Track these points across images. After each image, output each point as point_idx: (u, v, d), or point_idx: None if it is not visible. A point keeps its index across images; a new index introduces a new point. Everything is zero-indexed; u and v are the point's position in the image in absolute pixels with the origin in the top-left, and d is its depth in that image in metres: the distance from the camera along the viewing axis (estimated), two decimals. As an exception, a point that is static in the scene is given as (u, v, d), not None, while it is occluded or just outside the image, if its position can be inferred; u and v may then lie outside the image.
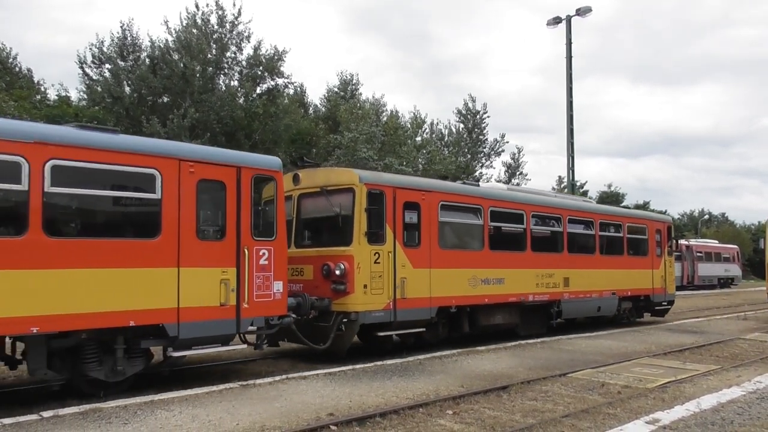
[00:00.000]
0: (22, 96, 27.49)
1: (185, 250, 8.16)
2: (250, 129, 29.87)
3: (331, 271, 10.38)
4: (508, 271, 13.10)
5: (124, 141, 8.06)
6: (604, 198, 57.63)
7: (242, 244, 8.74)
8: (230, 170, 8.80)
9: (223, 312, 8.50)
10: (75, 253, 7.27)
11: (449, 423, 6.67)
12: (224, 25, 28.74)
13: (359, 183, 10.60)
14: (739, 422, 6.77)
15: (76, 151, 7.35)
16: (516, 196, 14.28)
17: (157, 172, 8.00)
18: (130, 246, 7.78)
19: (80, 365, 7.73)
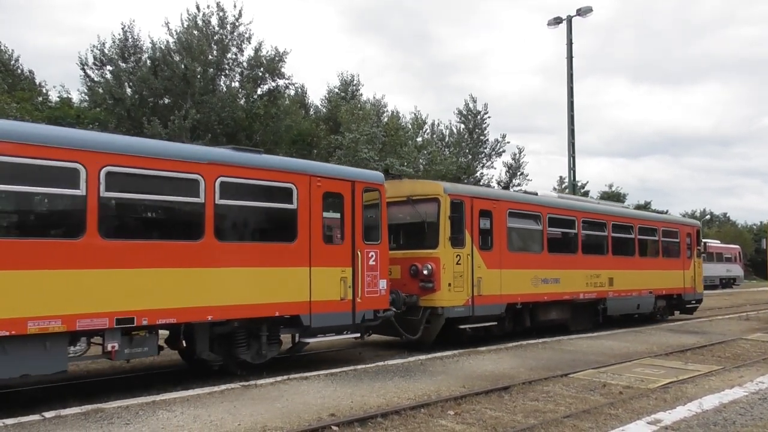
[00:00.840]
0: (23, 98, 27.56)
1: (315, 252, 9.71)
2: (251, 130, 29.91)
3: (419, 271, 11.83)
4: (563, 271, 14.63)
5: (270, 160, 9.80)
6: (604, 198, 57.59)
7: (356, 247, 10.32)
8: (347, 184, 10.38)
9: (342, 305, 10.08)
10: (238, 255, 8.80)
11: (451, 423, 6.67)
12: (225, 26, 28.80)
13: (444, 193, 12.09)
14: (741, 423, 6.76)
15: (238, 170, 8.91)
16: (569, 204, 15.89)
17: (294, 186, 9.52)
18: (276, 249, 9.33)
19: (233, 349, 9.13)
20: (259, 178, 9.14)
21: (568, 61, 25.24)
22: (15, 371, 7.03)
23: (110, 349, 7.75)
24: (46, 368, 7.31)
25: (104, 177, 7.48)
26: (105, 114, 27.39)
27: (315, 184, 9.81)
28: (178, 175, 8.23)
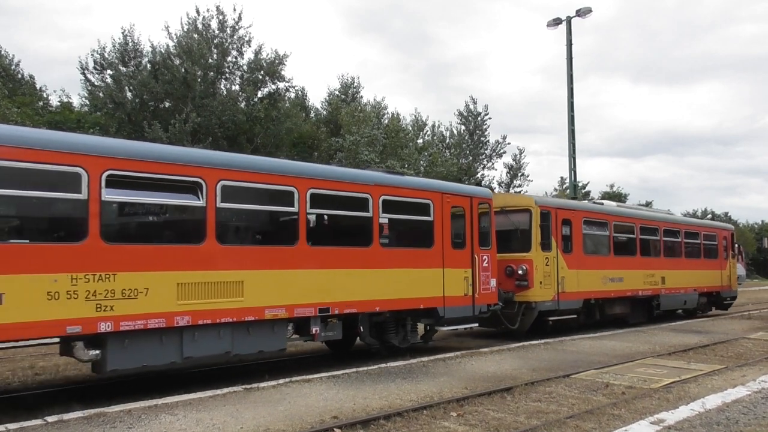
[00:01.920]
0: (24, 102, 27.62)
1: (446, 256, 11.83)
2: (252, 133, 29.95)
3: (514, 271, 13.90)
4: (626, 271, 16.84)
5: (415, 181, 12.20)
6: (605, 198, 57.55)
7: (474, 252, 12.43)
8: (467, 199, 12.50)
9: (465, 300, 12.15)
10: (396, 258, 10.98)
11: (453, 425, 6.66)
12: (225, 29, 28.85)
13: (535, 205, 14.28)
14: (745, 422, 6.75)
15: (394, 190, 11.10)
16: (629, 212, 18.30)
17: (431, 202, 11.67)
18: (420, 254, 11.41)
19: (385, 335, 11.27)
20: (408, 196, 11.33)
21: (567, 61, 25.25)
22: (254, 348, 9.16)
23: (314, 332, 9.90)
24: (273, 346, 9.43)
25: (309, 197, 9.69)
26: (106, 118, 27.45)
27: (445, 200, 11.97)
28: (357, 195, 10.49)
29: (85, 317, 7.32)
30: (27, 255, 7.01)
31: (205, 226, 8.43)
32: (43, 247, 7.21)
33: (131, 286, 7.74)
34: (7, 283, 6.78)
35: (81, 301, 7.30)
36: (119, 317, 7.59)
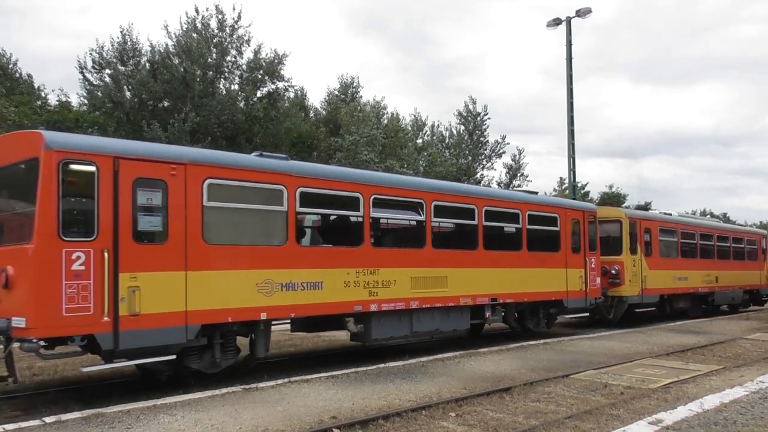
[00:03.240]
0: (22, 101, 27.56)
1: (568, 259, 14.83)
2: (251, 133, 29.91)
3: (608, 271, 16.88)
4: (689, 272, 20.07)
5: (548, 199, 16.28)
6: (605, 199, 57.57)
7: (585, 255, 15.33)
8: (580, 213, 15.54)
9: (581, 294, 15.15)
10: (536, 260, 13.71)
11: (452, 425, 6.67)
12: (224, 29, 28.81)
13: (625, 217, 17.53)
14: (742, 422, 6.75)
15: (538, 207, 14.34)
16: (691, 221, 22.00)
17: (558, 215, 14.69)
18: (551, 256, 14.37)
19: (524, 320, 14.25)
20: (543, 211, 14.38)
21: (567, 62, 25.25)
22: (451, 327, 12.07)
23: (487, 316, 12.78)
24: (462, 326, 12.35)
25: (484, 214, 12.60)
26: (104, 118, 27.41)
27: (567, 213, 14.96)
28: (514, 211, 13.47)
29: (363, 300, 10.27)
30: (335, 255, 10.09)
31: (426, 235, 11.52)
32: (343, 250, 10.27)
33: (387, 278, 10.71)
34: (324, 275, 9.76)
35: (361, 289, 10.26)
36: (381, 300, 10.53)
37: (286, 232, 9.33)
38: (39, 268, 7.00)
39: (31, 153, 7.36)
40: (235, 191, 8.85)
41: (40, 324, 6.98)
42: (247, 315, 8.79)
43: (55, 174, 7.15)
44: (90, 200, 7.44)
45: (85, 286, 7.22)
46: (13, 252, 7.38)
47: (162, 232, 7.97)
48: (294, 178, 9.48)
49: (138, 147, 8.30)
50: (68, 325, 7.12)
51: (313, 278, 9.58)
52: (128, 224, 7.64)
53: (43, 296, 6.95)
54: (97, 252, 7.34)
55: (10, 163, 7.86)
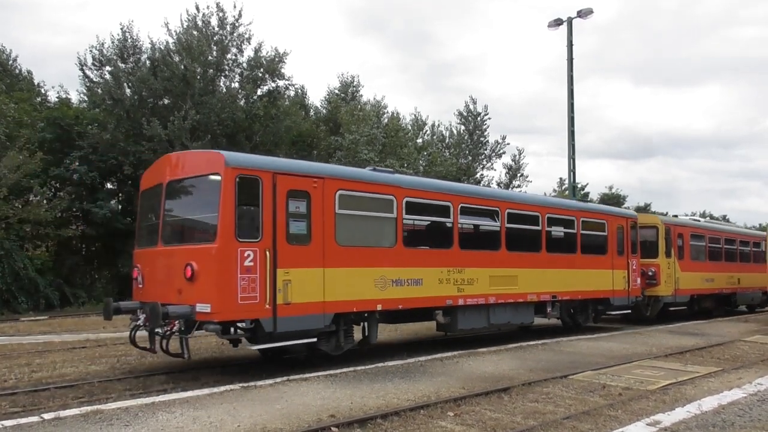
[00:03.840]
0: (22, 98, 27.53)
1: (614, 260, 16.31)
2: (251, 131, 29.89)
3: (645, 273, 18.17)
4: (716, 274, 21.72)
5: (596, 207, 18.23)
6: (604, 200, 57.66)
7: (627, 258, 16.88)
8: (624, 219, 17.17)
9: (624, 293, 16.63)
10: (587, 262, 15.38)
11: (450, 425, 6.67)
12: (225, 27, 28.78)
13: (661, 223, 19.08)
14: (740, 424, 6.77)
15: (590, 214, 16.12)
16: (718, 227, 23.96)
17: (606, 221, 16.34)
18: (599, 259, 15.88)
19: (575, 316, 15.88)
20: (594, 218, 16.00)
21: (568, 63, 25.26)
22: (519, 320, 13.74)
23: (548, 311, 14.49)
24: (527, 320, 14.06)
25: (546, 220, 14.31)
26: (104, 115, 27.37)
27: (613, 219, 16.56)
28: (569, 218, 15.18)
29: (452, 295, 11.77)
30: (432, 256, 11.58)
31: (501, 239, 13.08)
32: (438, 251, 11.76)
33: (471, 277, 12.16)
34: (424, 273, 11.21)
35: (451, 285, 11.73)
36: (466, 296, 12.00)
37: (396, 235, 10.93)
38: (221, 263, 8.44)
39: (213, 169, 8.89)
40: (358, 200, 10.43)
41: (222, 309, 8.40)
42: (367, 306, 10.31)
43: (232, 187, 8.65)
44: (256, 208, 8.93)
45: (253, 279, 8.67)
46: (196, 250, 8.81)
47: (306, 235, 9.48)
48: (401, 189, 11.12)
49: (290, 164, 9.94)
50: (242, 311, 8.56)
51: (416, 275, 11.14)
52: (283, 228, 9.13)
53: (225, 287, 8.41)
54: (262, 251, 8.79)
55: (192, 175, 9.49)
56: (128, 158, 26.07)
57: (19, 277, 22.59)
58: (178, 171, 9.76)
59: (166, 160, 10.34)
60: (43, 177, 25.19)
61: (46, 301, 23.47)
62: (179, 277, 8.69)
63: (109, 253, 27.58)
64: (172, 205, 9.82)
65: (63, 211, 25.87)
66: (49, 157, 25.14)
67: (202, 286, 8.49)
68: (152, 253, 9.76)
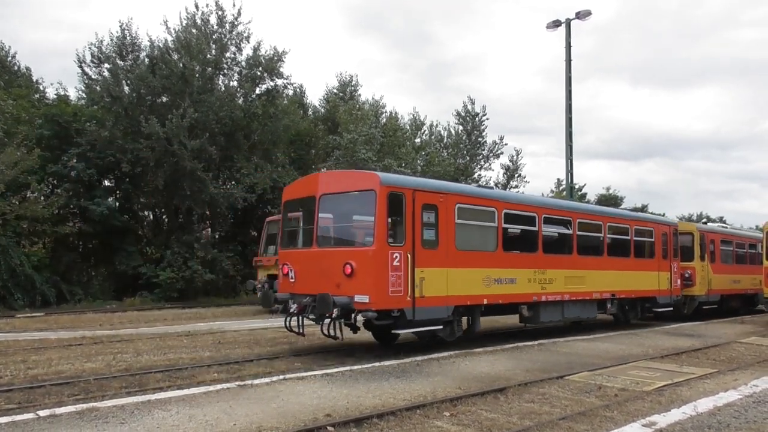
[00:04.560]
0: (20, 95, 27.47)
1: (660, 263, 18.37)
2: (249, 129, 29.87)
3: (682, 275, 19.81)
4: (741, 276, 23.40)
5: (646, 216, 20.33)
6: (602, 201, 57.75)
7: (670, 261, 18.78)
8: (668, 227, 19.12)
9: (667, 292, 18.61)
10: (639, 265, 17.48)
11: (446, 425, 6.67)
12: (224, 25, 28.75)
13: (696, 230, 20.95)
14: (736, 426, 6.78)
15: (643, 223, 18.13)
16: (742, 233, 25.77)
17: (653, 229, 18.30)
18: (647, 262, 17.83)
19: (626, 312, 17.69)
20: (644, 225, 17.91)
21: (566, 64, 25.29)
22: (586, 315, 15.62)
23: (608, 308, 16.42)
24: (592, 315, 15.94)
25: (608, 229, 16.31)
26: (102, 112, 27.33)
27: (659, 227, 18.64)
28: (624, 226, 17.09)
29: (537, 292, 13.61)
30: (523, 259, 13.46)
31: (573, 244, 14.97)
32: (527, 255, 13.54)
33: (551, 277, 13.98)
34: (517, 273, 13.11)
35: (536, 284, 13.58)
36: (547, 293, 13.84)
37: (497, 241, 12.83)
38: (377, 263, 10.24)
39: (370, 186, 10.68)
40: (471, 212, 12.29)
41: (378, 300, 10.21)
42: (476, 300, 12.17)
43: (385, 201, 10.49)
44: (401, 218, 10.79)
45: (399, 276, 10.50)
46: (354, 252, 10.70)
47: (435, 241, 11.28)
48: (501, 202, 13.08)
49: (425, 182, 11.94)
50: (392, 302, 10.41)
51: (512, 275, 13.00)
52: (419, 235, 10.94)
53: (380, 282, 10.22)
54: (405, 253, 10.62)
55: (349, 190, 11.34)
56: (126, 156, 26.03)
57: (15, 273, 22.54)
58: (332, 187, 11.61)
59: (315, 177, 12.65)
60: (41, 174, 25.14)
61: (42, 298, 23.41)
62: (338, 274, 10.51)
63: (106, 251, 27.54)
64: (327, 214, 11.70)
65: (60, 208, 25.82)
66: (46, 153, 25.10)
67: (360, 281, 10.32)
68: (306, 253, 11.54)
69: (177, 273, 25.84)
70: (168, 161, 25.96)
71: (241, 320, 18.82)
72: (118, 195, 29.14)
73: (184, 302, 25.48)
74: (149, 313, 21.43)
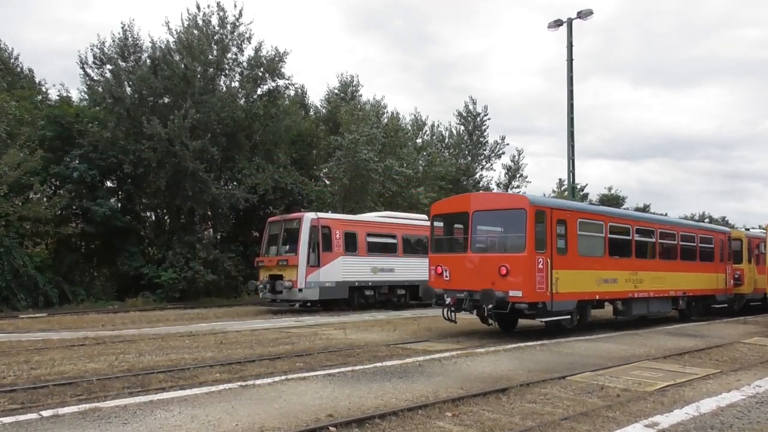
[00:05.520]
0: (23, 96, 27.53)
1: (717, 266, 21.05)
2: (251, 130, 29.91)
3: (733, 275, 22.38)
4: None
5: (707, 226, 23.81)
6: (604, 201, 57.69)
7: (725, 265, 21.85)
8: (724, 234, 22.03)
9: (724, 291, 21.40)
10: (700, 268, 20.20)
11: (448, 425, 6.67)
12: (225, 26, 28.79)
13: (744, 236, 23.42)
14: (739, 426, 6.77)
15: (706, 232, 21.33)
16: None
17: (713, 237, 21.19)
18: (710, 264, 20.75)
19: (692, 308, 20.18)
20: (706, 234, 20.93)
21: (568, 64, 25.27)
22: (664, 309, 18.44)
23: (680, 303, 19.05)
24: (667, 310, 18.72)
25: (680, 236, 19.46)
26: (104, 113, 27.37)
27: (717, 235, 21.55)
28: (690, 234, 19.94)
29: (631, 290, 16.62)
30: (621, 263, 16.36)
31: (656, 251, 18.05)
32: (624, 260, 16.50)
33: (640, 278, 16.92)
34: (617, 274, 16.09)
35: (631, 283, 16.55)
36: (638, 291, 16.83)
37: (604, 248, 15.87)
38: (528, 266, 13.33)
39: (521, 205, 13.82)
40: (587, 225, 15.30)
41: (529, 295, 13.28)
42: (591, 296, 15.28)
43: (533, 217, 13.54)
44: (543, 231, 13.73)
45: (542, 276, 13.54)
46: (508, 257, 13.67)
47: (564, 249, 14.38)
48: (607, 217, 16.26)
49: (559, 202, 15.76)
50: (538, 296, 13.47)
51: (614, 276, 16.00)
52: (554, 244, 13.98)
53: (530, 281, 13.30)
54: (546, 259, 13.63)
55: (502, 208, 14.66)
56: (128, 157, 26.07)
57: (18, 274, 22.58)
58: (484, 205, 14.77)
59: (467, 197, 16.00)
60: (43, 175, 25.18)
61: (45, 299, 23.45)
62: (493, 274, 13.45)
63: (109, 251, 27.57)
64: (481, 227, 14.65)
65: (63, 208, 25.85)
66: (49, 154, 25.13)
67: (514, 280, 13.26)
68: (460, 257, 14.55)
69: (179, 273, 25.86)
70: (170, 162, 25.99)
71: (242, 321, 18.82)
72: (120, 196, 29.17)
73: (186, 303, 25.50)
74: (151, 313, 21.45)
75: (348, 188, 31.13)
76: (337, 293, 21.80)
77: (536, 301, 13.37)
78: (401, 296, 24.02)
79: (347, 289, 22.05)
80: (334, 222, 22.18)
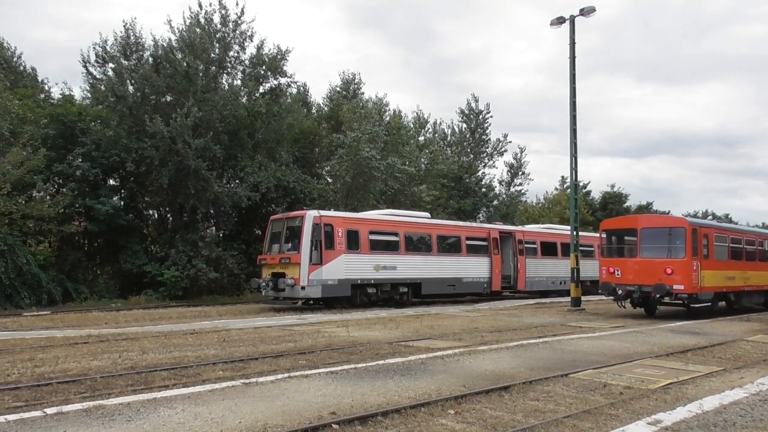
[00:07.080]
0: (26, 95, 27.59)
1: None
2: (253, 128, 29.93)
3: None
4: None
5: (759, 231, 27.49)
6: (606, 199, 57.55)
7: None
8: None
9: None
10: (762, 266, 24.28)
11: (451, 422, 6.68)
12: (227, 24, 28.81)
13: None
14: (742, 424, 6.76)
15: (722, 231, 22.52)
16: None
17: None
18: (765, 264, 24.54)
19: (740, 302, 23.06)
20: (763, 239, 24.45)
21: (570, 61, 25.18)
22: (759, 300, 23.98)
23: None
24: (759, 301, 23.98)
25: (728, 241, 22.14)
26: (107, 111, 27.42)
27: None
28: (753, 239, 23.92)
29: (742, 285, 22.00)
30: (737, 265, 21.85)
31: (756, 255, 23.19)
32: (738, 263, 22.04)
33: (748, 276, 22.31)
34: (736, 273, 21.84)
35: (742, 280, 22.01)
36: (746, 286, 22.13)
37: (727, 254, 21.14)
38: (688, 267, 18.57)
39: (681, 225, 19.43)
40: (720, 237, 20.89)
41: (688, 288, 18.45)
42: (720, 289, 20.40)
43: (691, 234, 18.91)
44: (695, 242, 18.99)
45: (696, 275, 18.71)
46: (672, 261, 18.87)
47: (707, 255, 19.40)
48: (729, 231, 22.05)
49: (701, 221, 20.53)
50: (693, 289, 18.58)
51: (733, 275, 21.32)
52: (701, 251, 19.25)
53: (689, 278, 18.57)
54: (697, 262, 18.91)
55: (665, 226, 20.13)
56: (131, 155, 26.12)
57: (21, 272, 22.66)
58: (650, 224, 20.25)
59: (635, 218, 22.93)
60: (46, 173, 25.25)
61: (48, 297, 23.54)
62: (659, 273, 18.73)
63: (112, 250, 27.65)
64: (648, 240, 19.49)
65: (66, 207, 25.93)
66: (52, 153, 25.20)
67: (677, 278, 18.51)
68: (630, 261, 19.73)
69: (182, 271, 25.92)
70: (172, 160, 26.03)
71: (245, 318, 18.85)
72: (123, 194, 29.23)
73: (189, 300, 25.55)
74: (154, 311, 21.50)
75: (350, 186, 31.15)
76: (339, 291, 21.81)
77: (692, 293, 18.56)
78: (403, 294, 24.00)
79: (350, 287, 22.05)
80: (336, 219, 22.18)
